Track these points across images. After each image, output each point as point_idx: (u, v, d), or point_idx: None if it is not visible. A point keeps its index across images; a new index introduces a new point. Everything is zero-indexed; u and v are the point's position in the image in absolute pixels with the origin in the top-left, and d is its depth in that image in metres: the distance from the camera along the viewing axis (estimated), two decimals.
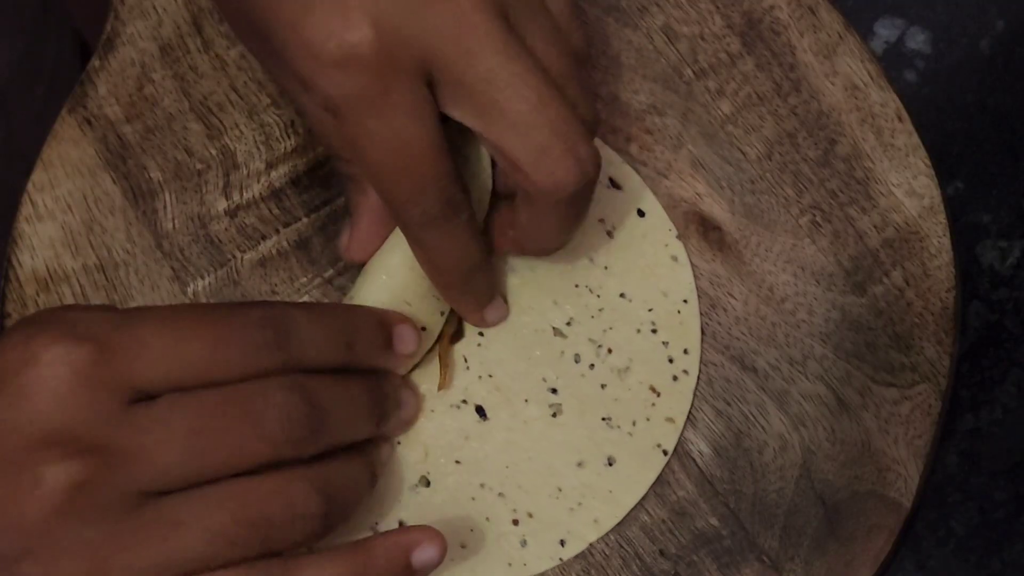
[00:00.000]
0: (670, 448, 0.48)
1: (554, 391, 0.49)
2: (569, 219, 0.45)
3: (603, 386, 0.49)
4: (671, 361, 0.49)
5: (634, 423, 0.48)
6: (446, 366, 0.48)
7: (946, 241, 0.51)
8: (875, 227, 0.51)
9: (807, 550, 0.47)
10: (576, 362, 0.49)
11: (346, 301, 0.47)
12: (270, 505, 0.39)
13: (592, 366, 0.49)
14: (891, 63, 0.56)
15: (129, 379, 0.38)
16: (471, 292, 0.47)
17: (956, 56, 0.56)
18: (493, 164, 0.47)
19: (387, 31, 0.40)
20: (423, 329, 0.47)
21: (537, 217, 0.44)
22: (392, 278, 0.46)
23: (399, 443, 0.48)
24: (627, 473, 0.48)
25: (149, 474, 0.38)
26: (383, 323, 0.45)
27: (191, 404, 0.39)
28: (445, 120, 0.42)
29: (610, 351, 0.49)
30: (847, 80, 0.52)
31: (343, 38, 0.40)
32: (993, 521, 0.50)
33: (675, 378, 0.49)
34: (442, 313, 0.48)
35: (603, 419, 0.48)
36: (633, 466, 0.48)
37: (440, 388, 0.48)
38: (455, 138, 0.44)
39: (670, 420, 0.48)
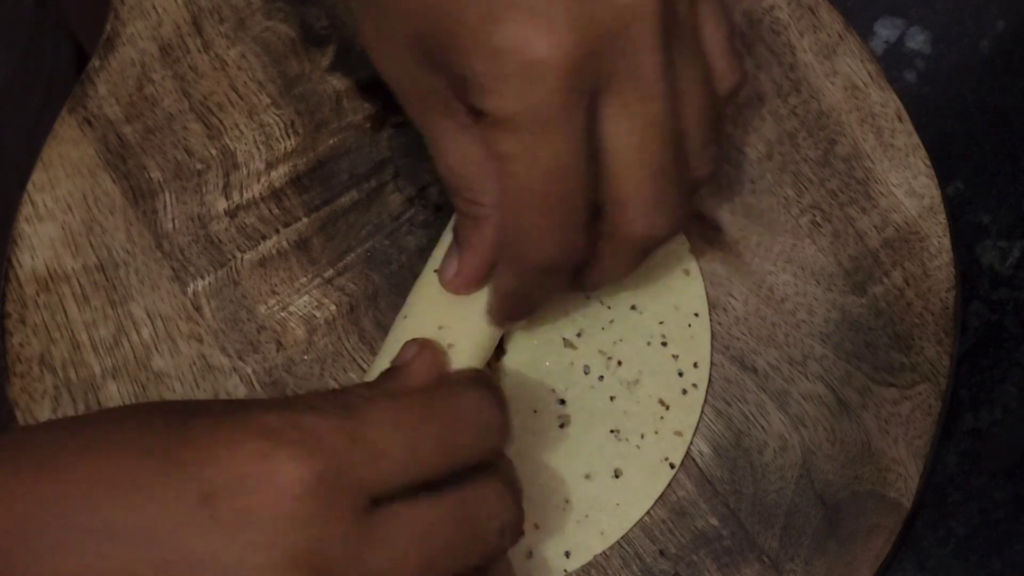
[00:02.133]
0: (677, 461, 0.48)
1: (563, 402, 0.48)
2: (633, 262, 0.45)
3: (612, 398, 0.49)
4: (681, 375, 0.49)
5: (642, 436, 0.48)
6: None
7: (946, 241, 0.51)
8: (875, 227, 0.51)
9: (807, 550, 0.47)
10: (585, 373, 0.49)
11: (404, 316, 0.47)
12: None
13: (601, 378, 0.49)
14: (891, 63, 0.56)
15: (367, 491, 0.37)
16: (517, 313, 0.47)
17: (956, 56, 0.56)
18: None
19: (576, 43, 0.39)
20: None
21: (606, 251, 0.44)
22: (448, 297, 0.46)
23: None
24: (634, 486, 0.48)
25: None
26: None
27: (423, 509, 0.38)
28: None
29: (620, 363, 0.49)
30: (847, 80, 0.52)
31: (539, 46, 0.38)
32: (993, 521, 0.50)
33: (684, 392, 0.49)
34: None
35: (611, 431, 0.48)
36: (640, 479, 0.48)
37: None
38: None
39: (678, 433, 0.48)
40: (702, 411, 0.49)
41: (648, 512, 0.48)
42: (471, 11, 0.39)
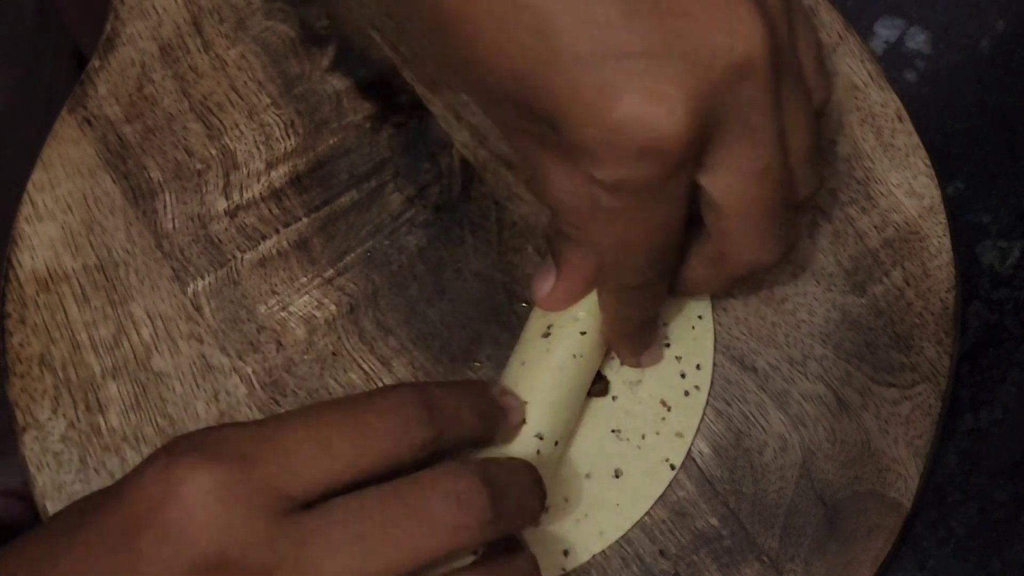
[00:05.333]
0: (678, 463, 0.48)
1: None
2: (739, 283, 0.46)
3: (614, 398, 0.49)
4: (683, 376, 0.49)
5: (643, 436, 0.48)
6: None
7: (946, 241, 0.51)
8: (875, 227, 0.51)
9: (807, 550, 0.47)
10: None
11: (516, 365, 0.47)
12: None
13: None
14: (891, 63, 0.56)
15: (280, 490, 0.37)
16: (642, 338, 0.48)
17: (956, 56, 0.56)
18: None
19: (699, 118, 0.38)
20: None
21: (717, 271, 0.45)
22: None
23: None
24: (634, 486, 0.48)
25: None
26: (488, 392, 0.45)
27: (352, 506, 0.37)
28: None
29: (622, 363, 0.49)
30: (847, 80, 0.52)
31: (657, 131, 0.38)
32: (993, 521, 0.50)
33: (686, 393, 0.49)
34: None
35: (612, 431, 0.48)
36: (640, 479, 0.48)
37: None
38: None
39: (679, 435, 0.48)
40: (703, 413, 0.49)
41: (648, 512, 0.48)
42: (586, 85, 0.38)
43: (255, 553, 0.36)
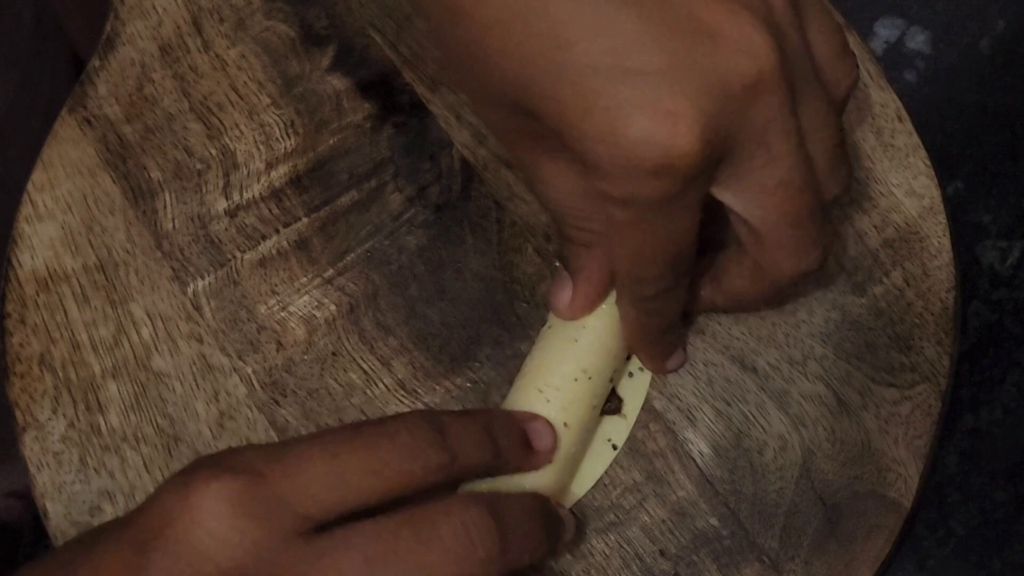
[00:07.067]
0: (620, 443, 0.48)
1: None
2: (780, 292, 0.45)
3: None
4: (628, 357, 0.49)
5: None
6: None
7: (946, 241, 0.51)
8: (875, 227, 0.51)
9: (807, 550, 0.47)
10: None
11: (522, 383, 0.46)
12: None
13: None
14: (891, 63, 0.56)
15: (296, 510, 0.37)
16: (665, 345, 0.48)
17: (956, 56, 0.56)
18: None
19: (711, 138, 0.38)
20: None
21: (758, 283, 0.44)
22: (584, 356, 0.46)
23: None
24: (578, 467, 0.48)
25: None
26: (513, 420, 0.45)
27: (366, 530, 0.37)
28: None
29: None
30: None
31: (669, 151, 0.37)
32: (993, 521, 0.50)
33: (631, 374, 0.49)
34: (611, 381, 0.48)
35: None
36: (584, 460, 0.48)
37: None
38: None
39: (622, 416, 0.48)
40: (647, 394, 0.49)
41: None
42: (599, 106, 0.38)
43: (270, 571, 0.36)
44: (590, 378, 0.46)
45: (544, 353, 0.46)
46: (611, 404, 0.48)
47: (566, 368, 0.46)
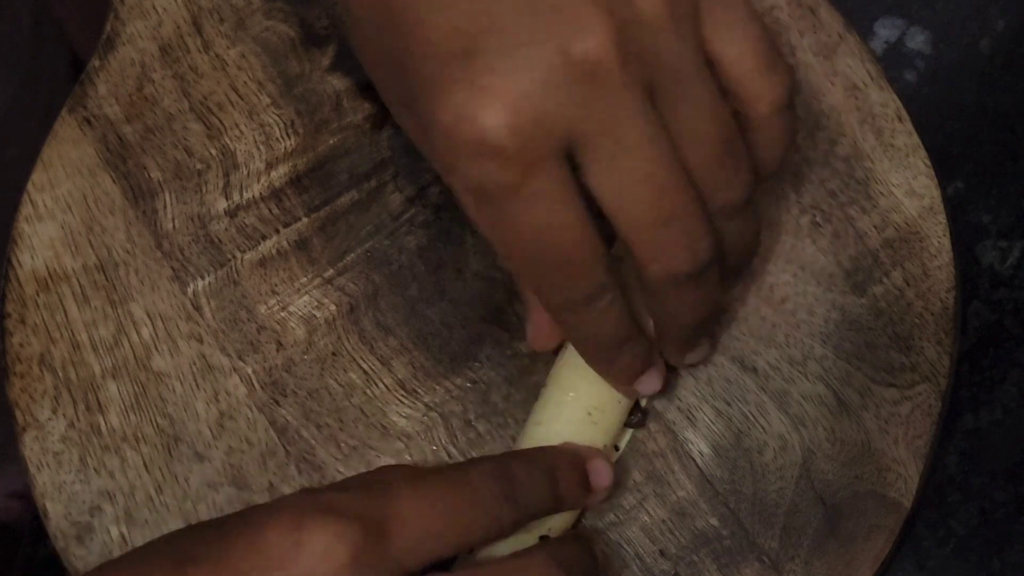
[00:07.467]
0: (622, 445, 0.48)
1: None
2: (687, 304, 0.42)
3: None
4: None
5: (571, 394, 0.48)
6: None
7: (946, 241, 0.51)
8: (875, 227, 0.51)
9: (807, 550, 0.47)
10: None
11: (536, 424, 0.47)
12: None
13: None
14: (891, 63, 0.56)
15: (398, 559, 0.37)
16: (619, 365, 0.44)
17: (956, 56, 0.56)
18: None
19: (524, 114, 0.36)
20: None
21: (653, 300, 0.42)
22: (578, 392, 0.46)
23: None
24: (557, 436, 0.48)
25: None
26: (578, 461, 0.45)
27: None
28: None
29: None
30: (847, 80, 0.52)
31: (475, 124, 0.36)
32: (993, 521, 0.50)
33: None
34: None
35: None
36: (564, 430, 0.48)
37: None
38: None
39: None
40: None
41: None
42: (430, 88, 0.37)
43: None
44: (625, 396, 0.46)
45: (585, 369, 0.45)
46: (634, 417, 0.48)
47: (611, 389, 0.46)
